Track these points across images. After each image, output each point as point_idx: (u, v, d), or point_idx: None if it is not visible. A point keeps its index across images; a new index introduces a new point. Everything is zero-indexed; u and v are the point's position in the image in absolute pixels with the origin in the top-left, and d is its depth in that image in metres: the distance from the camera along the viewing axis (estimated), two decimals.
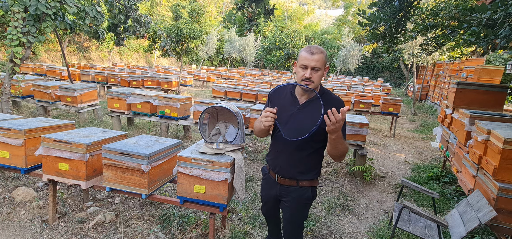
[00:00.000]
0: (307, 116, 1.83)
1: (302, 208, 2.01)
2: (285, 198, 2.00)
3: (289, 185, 1.96)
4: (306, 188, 1.95)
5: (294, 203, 1.97)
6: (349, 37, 21.04)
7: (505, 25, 2.82)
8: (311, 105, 1.85)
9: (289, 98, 1.93)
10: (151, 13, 26.79)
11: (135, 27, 8.59)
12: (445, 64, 12.32)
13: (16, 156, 2.85)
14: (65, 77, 11.02)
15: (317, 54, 1.75)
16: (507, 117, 3.71)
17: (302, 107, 1.87)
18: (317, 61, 1.75)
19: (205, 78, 16.47)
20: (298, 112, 1.87)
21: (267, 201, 2.19)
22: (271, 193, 2.09)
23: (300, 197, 1.95)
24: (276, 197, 2.07)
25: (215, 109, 2.69)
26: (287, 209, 2.01)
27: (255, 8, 5.06)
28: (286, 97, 1.94)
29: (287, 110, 1.89)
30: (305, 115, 1.84)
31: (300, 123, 1.84)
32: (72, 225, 2.91)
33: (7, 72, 5.41)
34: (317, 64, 1.75)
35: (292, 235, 2.07)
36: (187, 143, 5.88)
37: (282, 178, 1.97)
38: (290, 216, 2.02)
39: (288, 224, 2.05)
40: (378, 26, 4.32)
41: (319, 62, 1.75)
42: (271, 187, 2.08)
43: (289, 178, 1.95)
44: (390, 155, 6.34)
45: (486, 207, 2.50)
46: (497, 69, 7.76)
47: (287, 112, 1.89)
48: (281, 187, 2.00)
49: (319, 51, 1.76)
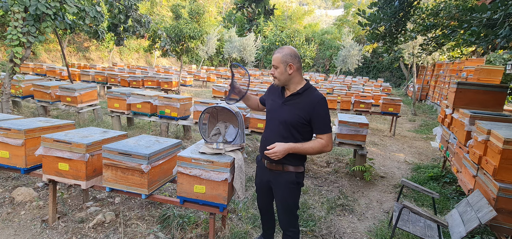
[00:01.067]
0: (290, 109, 2.09)
1: (290, 191, 2.19)
2: (274, 182, 2.23)
3: (276, 169, 2.18)
4: (291, 173, 2.15)
5: (282, 186, 2.19)
6: (349, 37, 21.04)
7: (505, 25, 2.83)
8: (293, 100, 2.11)
9: (278, 93, 2.23)
10: (151, 13, 26.79)
11: (135, 27, 8.59)
12: (445, 64, 12.32)
13: (16, 156, 2.85)
14: (65, 77, 11.02)
15: (275, 54, 2.08)
16: (507, 117, 3.71)
17: (286, 101, 2.13)
18: (274, 60, 2.07)
19: (205, 78, 16.46)
20: (282, 105, 2.14)
21: (261, 189, 2.40)
22: (263, 179, 2.32)
23: (287, 181, 2.16)
24: (268, 183, 2.29)
25: (215, 109, 2.69)
26: (278, 193, 2.24)
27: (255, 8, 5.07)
28: (278, 90, 2.24)
29: (276, 101, 2.19)
30: (288, 108, 2.10)
31: (283, 114, 2.11)
32: (72, 225, 2.91)
33: (7, 72, 5.41)
34: (274, 63, 2.07)
35: (287, 218, 2.25)
36: (187, 143, 5.88)
37: (270, 163, 2.19)
38: (281, 198, 2.23)
39: (281, 208, 2.25)
40: (378, 26, 4.32)
41: (276, 61, 2.06)
42: (263, 173, 2.31)
43: (276, 163, 2.16)
44: (390, 155, 6.34)
45: (486, 207, 2.50)
46: (497, 69, 7.76)
47: (275, 103, 2.19)
48: (270, 172, 2.22)
49: (277, 52, 2.08)
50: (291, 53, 2.04)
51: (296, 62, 2.05)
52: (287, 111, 2.08)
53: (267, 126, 2.22)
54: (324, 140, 2.04)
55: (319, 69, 28.87)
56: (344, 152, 6.17)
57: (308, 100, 2.04)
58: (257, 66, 29.09)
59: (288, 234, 2.30)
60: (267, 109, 2.25)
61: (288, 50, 2.04)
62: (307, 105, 2.04)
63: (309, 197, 3.98)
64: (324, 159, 5.69)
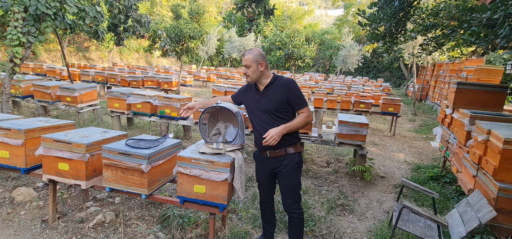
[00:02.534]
0: (268, 98, 2.34)
1: (295, 171, 2.39)
2: (279, 167, 2.39)
3: (279, 155, 2.37)
4: (294, 154, 2.38)
5: (287, 168, 2.37)
6: (349, 37, 21.02)
7: (505, 25, 2.82)
8: (268, 90, 2.36)
9: (252, 91, 2.47)
10: (151, 13, 26.79)
11: (135, 27, 8.59)
12: (445, 64, 12.32)
13: (16, 156, 2.85)
14: (65, 77, 11.02)
15: (246, 55, 2.32)
16: (507, 117, 3.71)
17: (263, 93, 2.38)
18: (245, 61, 2.31)
19: (205, 78, 16.46)
20: (261, 98, 2.38)
21: (263, 180, 2.55)
22: (266, 169, 2.48)
23: (291, 162, 2.37)
24: (271, 171, 2.46)
25: (215, 109, 2.69)
26: (283, 176, 2.40)
27: (255, 8, 5.07)
28: (252, 90, 2.48)
29: (254, 99, 2.42)
30: (267, 98, 2.35)
31: (264, 105, 2.35)
32: (72, 225, 2.91)
33: (7, 72, 5.41)
34: (246, 63, 2.31)
35: (292, 199, 2.42)
36: (187, 143, 5.88)
37: (272, 151, 2.38)
38: (286, 181, 2.40)
39: (287, 191, 2.42)
40: (378, 26, 4.32)
41: (247, 61, 2.30)
42: (266, 164, 2.47)
43: (278, 149, 2.35)
44: (390, 155, 6.34)
45: (486, 207, 2.50)
46: (497, 69, 7.75)
47: (254, 100, 2.42)
48: (273, 159, 2.41)
49: (247, 53, 2.32)
50: (260, 53, 2.33)
51: (265, 60, 2.35)
52: (267, 101, 2.34)
53: (255, 121, 2.43)
54: (305, 112, 2.34)
55: (319, 69, 28.86)
56: (344, 152, 6.17)
57: (280, 86, 2.34)
58: None
59: (293, 218, 2.45)
60: (248, 108, 2.49)
61: (257, 51, 2.32)
62: (281, 89, 2.32)
63: (309, 197, 3.98)
64: (324, 159, 5.69)
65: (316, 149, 6.26)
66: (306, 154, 5.70)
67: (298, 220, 2.45)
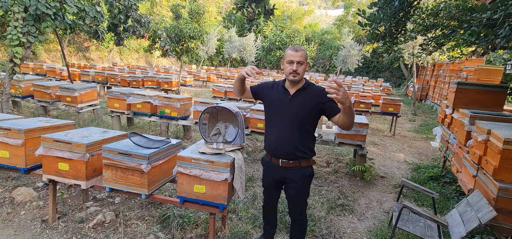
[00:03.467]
0: (298, 104, 2.19)
1: (306, 185, 2.31)
2: (289, 179, 2.29)
3: (293, 166, 2.25)
4: (308, 167, 2.28)
5: (299, 181, 2.27)
6: (349, 37, 21.03)
7: (505, 25, 2.82)
8: (300, 95, 2.22)
9: (281, 91, 2.28)
10: (151, 13, 26.79)
11: (135, 27, 8.59)
12: (445, 64, 12.31)
13: (16, 156, 2.85)
14: (65, 77, 11.02)
15: (300, 51, 2.14)
16: (507, 117, 3.71)
17: (293, 97, 2.22)
18: (301, 57, 2.13)
19: (205, 78, 16.46)
20: (290, 101, 2.22)
21: (270, 187, 2.44)
22: (275, 177, 2.35)
23: (303, 175, 2.26)
24: (280, 181, 2.35)
25: (215, 109, 2.69)
26: (293, 188, 2.30)
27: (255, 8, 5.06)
28: (279, 90, 2.30)
29: (281, 100, 2.24)
30: (297, 103, 2.20)
31: (293, 109, 2.19)
32: (72, 225, 2.91)
33: (7, 72, 5.41)
34: (301, 59, 2.13)
35: (299, 209, 2.37)
36: (187, 143, 5.88)
37: (286, 161, 2.24)
38: (295, 193, 2.31)
39: (295, 202, 2.35)
40: (378, 26, 4.31)
41: (303, 57, 2.14)
42: (275, 172, 2.33)
43: (293, 160, 2.23)
44: (390, 155, 6.34)
45: (486, 207, 2.50)
46: (497, 69, 7.75)
47: (281, 102, 2.24)
48: (285, 170, 2.27)
49: (301, 49, 2.15)
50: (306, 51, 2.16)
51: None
52: (297, 106, 2.18)
53: (276, 123, 2.24)
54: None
55: (319, 69, 28.87)
56: (344, 152, 6.17)
57: (315, 93, 2.19)
58: (257, 66, 29.10)
59: (298, 224, 2.41)
60: (271, 108, 2.29)
61: (304, 48, 2.14)
62: (315, 97, 2.18)
63: (309, 197, 3.97)
64: (324, 159, 5.69)
65: (316, 149, 6.26)
66: None
67: (301, 225, 2.42)
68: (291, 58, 2.13)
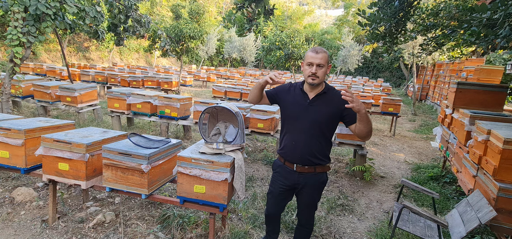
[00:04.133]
0: (317, 109, 2.10)
1: (320, 191, 2.28)
2: (303, 184, 2.21)
3: (308, 172, 2.17)
4: (322, 174, 2.22)
5: (314, 187, 2.22)
6: (349, 37, 21.03)
7: (505, 25, 2.82)
8: (320, 100, 2.12)
9: (299, 94, 2.17)
10: (151, 13, 26.79)
11: (135, 27, 8.59)
12: (445, 64, 12.31)
13: (16, 156, 2.85)
14: (65, 77, 11.02)
15: (321, 53, 2.03)
16: (507, 117, 3.71)
17: (312, 102, 2.12)
18: (321, 59, 2.02)
19: (205, 78, 16.46)
20: (308, 106, 2.12)
21: (280, 193, 2.30)
22: (287, 183, 2.24)
23: (318, 181, 2.21)
24: (292, 187, 2.25)
25: (215, 109, 2.69)
26: (306, 194, 2.24)
27: (255, 8, 5.06)
28: (296, 93, 2.19)
29: (299, 104, 2.14)
30: (316, 108, 2.10)
31: (312, 115, 2.10)
32: (72, 225, 2.91)
33: (7, 72, 5.41)
34: (321, 62, 2.02)
35: (310, 214, 2.34)
36: (187, 143, 5.88)
37: (301, 166, 2.16)
38: (309, 199, 2.26)
39: (307, 207, 2.30)
40: (378, 26, 4.32)
41: (323, 60, 2.02)
42: (287, 177, 2.23)
43: (308, 166, 2.15)
44: (390, 155, 6.34)
45: (486, 207, 2.50)
46: (497, 69, 7.76)
47: (299, 106, 2.14)
48: (299, 175, 2.18)
49: (322, 51, 2.04)
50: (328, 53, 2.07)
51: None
52: (316, 112, 2.10)
53: (293, 128, 2.15)
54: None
55: None
56: (344, 152, 6.17)
57: (336, 97, 2.09)
58: (257, 66, 29.09)
59: (305, 227, 2.39)
60: (288, 112, 2.19)
61: (326, 50, 2.05)
62: (336, 102, 2.08)
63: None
64: None
65: None
66: None
67: (309, 229, 2.41)
68: (311, 60, 2.02)
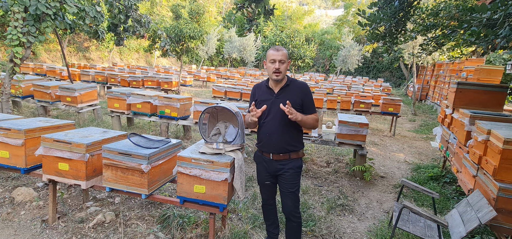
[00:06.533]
0: (284, 100, 2.26)
1: (297, 176, 2.43)
2: (281, 170, 2.40)
3: (283, 159, 2.38)
4: (297, 159, 2.42)
5: (289, 172, 2.39)
6: (349, 37, 21.03)
7: (505, 25, 2.82)
8: (284, 92, 2.36)
9: (265, 91, 2.42)
10: (151, 13, 26.79)
11: (135, 27, 8.59)
12: (445, 64, 12.31)
13: (16, 156, 2.85)
14: (65, 77, 11.02)
15: (281, 51, 2.28)
16: (507, 117, 3.71)
17: (278, 95, 2.36)
18: (282, 56, 2.27)
19: (205, 78, 16.46)
20: (276, 99, 2.35)
21: (265, 181, 2.52)
22: (269, 171, 2.46)
23: (294, 166, 2.40)
24: (273, 174, 2.46)
25: (215, 109, 2.69)
26: (284, 179, 2.41)
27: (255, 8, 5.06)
28: (263, 90, 2.43)
29: (268, 100, 2.37)
30: (282, 100, 2.29)
31: (279, 106, 2.26)
32: (72, 225, 2.91)
33: (7, 72, 5.41)
34: (282, 58, 2.27)
35: (293, 202, 2.44)
36: (187, 143, 5.88)
37: (277, 154, 2.38)
38: (287, 184, 2.41)
39: (289, 194, 2.42)
40: (378, 26, 4.32)
41: (284, 56, 2.28)
42: (268, 167, 2.45)
43: (283, 153, 2.37)
44: (390, 155, 6.34)
45: (486, 207, 2.50)
46: (497, 69, 7.76)
47: (267, 101, 2.36)
48: (276, 162, 2.40)
49: (282, 49, 2.30)
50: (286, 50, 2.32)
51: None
52: (282, 103, 2.27)
53: (266, 122, 2.38)
54: (315, 116, 2.39)
55: (319, 69, 28.87)
56: (344, 152, 6.17)
57: (297, 88, 2.36)
58: (257, 66, 29.08)
59: (293, 221, 2.46)
60: (260, 108, 2.40)
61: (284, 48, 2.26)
62: (297, 92, 2.35)
63: (309, 197, 3.98)
64: (324, 159, 5.69)
65: (316, 149, 6.26)
66: (306, 154, 5.70)
67: (297, 223, 2.47)
68: (273, 57, 2.26)
